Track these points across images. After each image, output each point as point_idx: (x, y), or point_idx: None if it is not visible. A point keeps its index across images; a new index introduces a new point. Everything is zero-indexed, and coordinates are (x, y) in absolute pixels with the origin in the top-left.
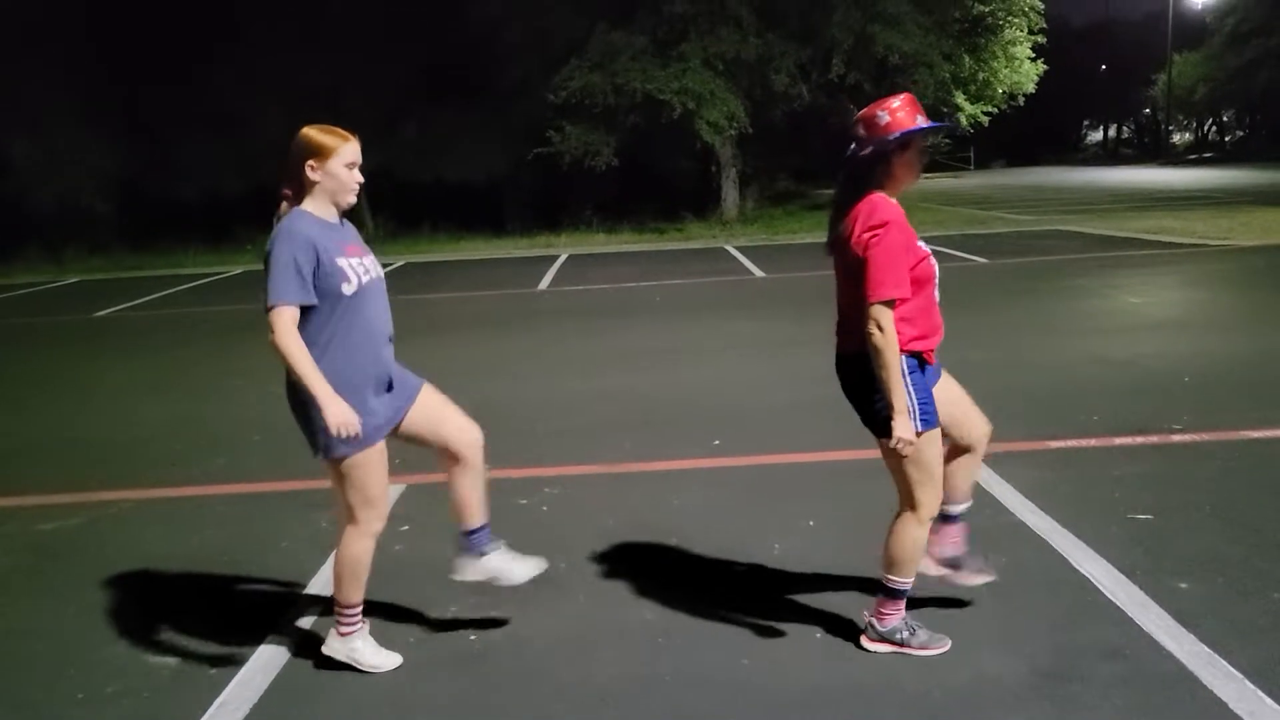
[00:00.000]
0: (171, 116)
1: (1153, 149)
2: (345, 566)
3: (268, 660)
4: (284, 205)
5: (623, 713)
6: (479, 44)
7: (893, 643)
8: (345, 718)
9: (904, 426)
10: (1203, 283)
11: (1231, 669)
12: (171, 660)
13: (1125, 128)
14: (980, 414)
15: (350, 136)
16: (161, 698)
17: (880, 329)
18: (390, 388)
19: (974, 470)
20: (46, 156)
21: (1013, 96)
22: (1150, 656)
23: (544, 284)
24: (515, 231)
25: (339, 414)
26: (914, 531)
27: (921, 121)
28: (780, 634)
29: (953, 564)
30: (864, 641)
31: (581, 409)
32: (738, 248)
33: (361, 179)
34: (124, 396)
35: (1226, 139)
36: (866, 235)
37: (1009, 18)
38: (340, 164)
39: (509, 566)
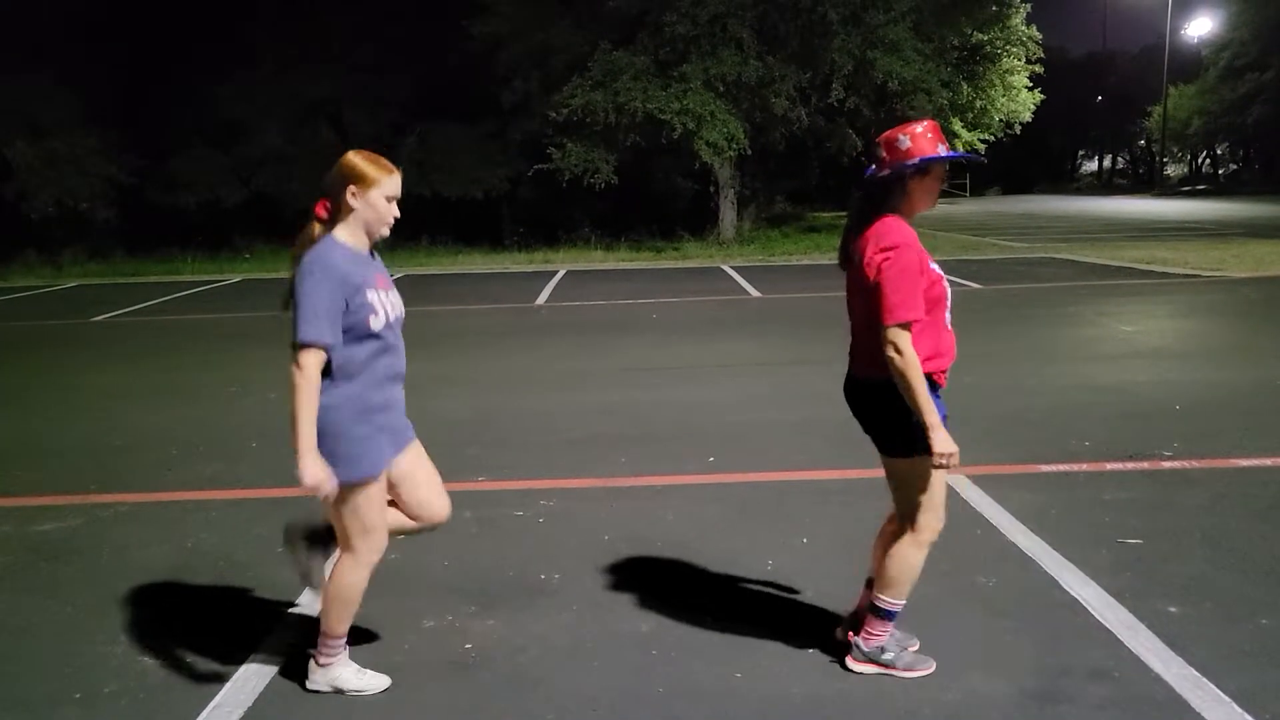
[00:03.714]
0: (173, 125)
1: (1147, 180)
2: (337, 596)
3: (262, 664)
4: (316, 227)
5: None
6: (480, 60)
7: (878, 663)
8: None
9: (943, 441)
10: (1195, 312)
11: (1220, 693)
12: (167, 662)
13: (1120, 158)
14: None
15: (394, 170)
16: (157, 698)
17: (899, 352)
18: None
19: None
20: (47, 161)
21: (1009, 125)
22: (1139, 679)
23: (541, 299)
24: (513, 246)
25: (314, 472)
26: (915, 554)
27: (943, 150)
28: (772, 648)
29: None
30: (849, 662)
31: (577, 423)
32: (734, 268)
33: (398, 214)
34: (121, 401)
35: (1220, 172)
36: (879, 258)
37: (1007, 47)
38: (381, 195)
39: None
